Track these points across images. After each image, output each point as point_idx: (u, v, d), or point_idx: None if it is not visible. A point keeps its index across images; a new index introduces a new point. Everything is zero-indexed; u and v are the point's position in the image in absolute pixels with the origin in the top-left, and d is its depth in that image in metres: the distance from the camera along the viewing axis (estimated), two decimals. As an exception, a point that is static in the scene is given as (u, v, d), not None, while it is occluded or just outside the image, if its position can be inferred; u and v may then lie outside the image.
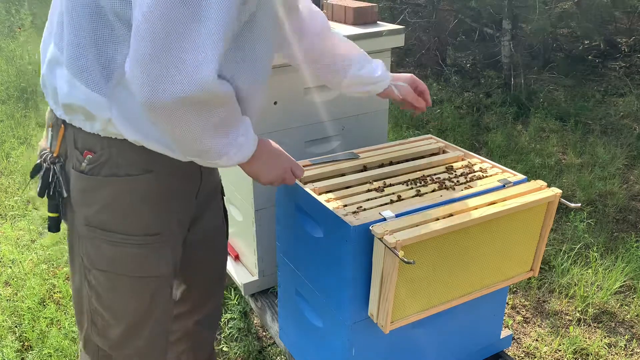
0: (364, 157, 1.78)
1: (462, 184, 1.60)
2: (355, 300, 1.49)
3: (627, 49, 5.88)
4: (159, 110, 1.08)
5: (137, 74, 1.05)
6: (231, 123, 1.20)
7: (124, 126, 1.20)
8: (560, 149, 4.07)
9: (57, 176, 1.30)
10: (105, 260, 1.34)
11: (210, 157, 1.21)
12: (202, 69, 1.04)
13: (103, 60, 1.16)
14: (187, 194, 1.42)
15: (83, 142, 1.25)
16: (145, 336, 1.46)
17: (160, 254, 1.38)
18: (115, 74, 1.16)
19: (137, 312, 1.42)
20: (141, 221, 1.32)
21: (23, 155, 3.94)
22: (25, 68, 5.28)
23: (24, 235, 3.06)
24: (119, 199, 1.28)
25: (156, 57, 1.02)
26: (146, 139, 1.22)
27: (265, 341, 2.32)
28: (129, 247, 1.33)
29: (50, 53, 1.26)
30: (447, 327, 1.74)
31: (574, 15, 5.29)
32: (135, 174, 1.27)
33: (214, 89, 1.08)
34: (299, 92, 1.91)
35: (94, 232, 1.32)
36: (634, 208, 3.33)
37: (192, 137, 1.15)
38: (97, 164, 1.25)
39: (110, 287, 1.37)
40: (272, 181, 1.39)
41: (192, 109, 1.09)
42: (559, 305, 2.54)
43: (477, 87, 5.27)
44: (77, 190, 1.29)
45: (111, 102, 1.18)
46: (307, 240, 1.61)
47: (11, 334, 2.36)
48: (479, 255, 1.53)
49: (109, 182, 1.26)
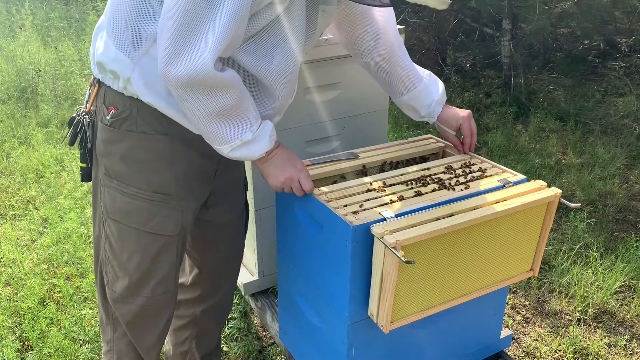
0: (364, 157, 1.78)
1: (462, 184, 1.61)
2: (355, 300, 1.49)
3: (627, 49, 5.88)
4: (172, 84, 1.24)
5: (160, 47, 1.22)
6: (239, 114, 1.33)
7: (140, 87, 1.34)
8: (560, 149, 4.07)
9: (84, 128, 1.47)
10: (119, 210, 1.47)
11: (214, 141, 1.36)
12: (206, 56, 1.19)
13: (135, 30, 1.32)
14: (203, 168, 1.52)
15: (110, 98, 1.41)
16: (146, 294, 1.54)
17: (169, 214, 1.48)
18: (145, 44, 1.32)
19: (140, 268, 1.51)
20: (151, 178, 1.44)
21: (23, 155, 3.94)
22: (25, 68, 5.27)
23: (24, 235, 3.06)
24: (134, 153, 1.41)
25: (174, 37, 1.19)
26: (159, 103, 1.35)
27: (265, 341, 2.32)
28: (140, 200, 1.45)
29: (99, 23, 1.44)
30: (447, 327, 1.74)
31: (574, 15, 5.29)
32: (150, 133, 1.41)
33: (215, 74, 1.23)
34: (299, 92, 1.91)
35: (111, 181, 1.46)
36: (634, 208, 3.33)
37: (198, 116, 1.30)
38: (119, 118, 1.40)
39: (120, 237, 1.49)
40: (278, 186, 1.50)
41: (198, 90, 1.25)
42: (559, 305, 2.55)
43: (477, 87, 5.27)
44: (101, 141, 1.45)
45: (134, 65, 1.33)
46: (307, 240, 1.61)
47: (11, 334, 2.36)
48: (479, 255, 1.53)
49: (127, 136, 1.41)
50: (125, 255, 1.50)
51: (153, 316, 1.59)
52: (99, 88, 1.44)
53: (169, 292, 1.58)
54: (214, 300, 1.82)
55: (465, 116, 1.74)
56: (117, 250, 1.51)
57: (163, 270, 1.53)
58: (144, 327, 1.61)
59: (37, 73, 5.23)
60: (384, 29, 1.65)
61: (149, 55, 1.33)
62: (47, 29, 7.04)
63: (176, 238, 1.52)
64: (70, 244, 2.90)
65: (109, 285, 1.57)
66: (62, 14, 7.76)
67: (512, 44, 5.01)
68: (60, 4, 8.61)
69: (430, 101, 1.74)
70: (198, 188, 1.53)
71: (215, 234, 1.69)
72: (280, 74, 1.40)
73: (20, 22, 6.86)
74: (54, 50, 5.98)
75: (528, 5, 4.82)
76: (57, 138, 4.24)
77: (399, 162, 1.83)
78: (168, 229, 1.49)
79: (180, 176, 1.46)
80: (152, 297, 1.55)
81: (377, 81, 1.78)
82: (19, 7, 7.59)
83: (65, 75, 5.31)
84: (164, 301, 1.58)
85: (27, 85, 5.06)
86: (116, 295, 1.55)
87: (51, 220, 3.13)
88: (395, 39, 1.69)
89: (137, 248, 1.49)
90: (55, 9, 8.15)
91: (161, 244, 1.50)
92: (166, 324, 1.64)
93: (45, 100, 4.88)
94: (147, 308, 1.56)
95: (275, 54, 1.36)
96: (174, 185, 1.46)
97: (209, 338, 1.90)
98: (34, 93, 5.00)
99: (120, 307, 1.57)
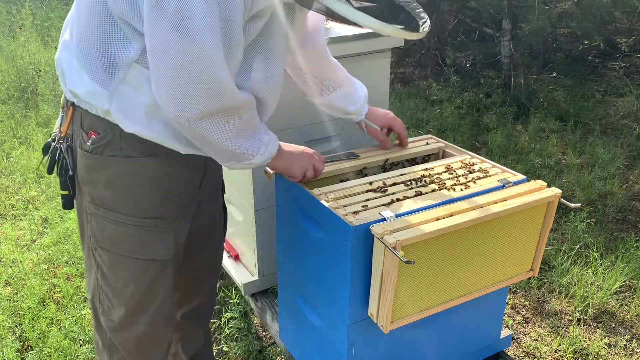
0: (364, 157, 1.78)
1: (462, 184, 1.60)
2: (355, 300, 1.49)
3: (627, 49, 5.88)
4: (190, 124, 1.19)
5: (163, 92, 1.17)
6: (256, 125, 1.33)
7: (120, 119, 1.27)
8: (560, 149, 4.07)
9: (62, 154, 1.37)
10: (109, 239, 1.39)
11: (245, 157, 1.33)
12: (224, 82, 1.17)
13: (108, 56, 1.23)
14: (191, 182, 1.46)
15: (89, 123, 1.31)
16: (145, 321, 1.48)
17: (161, 238, 1.42)
18: (119, 72, 1.23)
19: (136, 296, 1.45)
20: (141, 203, 1.36)
21: (23, 155, 3.94)
22: (26, 68, 5.28)
23: (24, 235, 3.06)
24: (120, 178, 1.33)
25: (177, 76, 1.13)
26: (143, 131, 1.28)
27: (265, 341, 2.32)
28: (130, 228, 1.37)
29: (64, 39, 1.33)
30: (447, 327, 1.74)
31: (574, 15, 5.29)
32: (135, 156, 1.32)
33: (238, 98, 1.22)
34: (299, 92, 1.91)
35: (98, 209, 1.38)
36: (634, 208, 3.33)
37: (225, 142, 1.26)
38: (100, 144, 1.31)
39: (112, 266, 1.42)
40: (296, 176, 1.53)
41: (220, 117, 1.22)
42: (559, 305, 2.55)
43: (477, 87, 5.27)
44: (83, 168, 1.36)
45: (112, 96, 1.25)
46: (307, 240, 1.61)
47: (11, 334, 2.36)
48: (479, 255, 1.53)
49: (111, 161, 1.32)
50: (120, 284, 1.43)
51: (154, 341, 1.55)
52: (74, 111, 1.33)
53: (168, 316, 1.53)
54: (194, 304, 1.78)
55: (391, 113, 1.80)
56: (110, 279, 1.44)
57: (160, 296, 1.48)
58: (147, 354, 1.55)
59: (37, 73, 5.24)
60: (314, 24, 1.62)
61: (126, 83, 1.24)
62: (47, 29, 7.04)
63: (171, 261, 1.46)
64: (70, 244, 2.90)
65: (104, 315, 1.49)
66: (62, 14, 7.75)
67: (512, 44, 5.01)
68: (60, 4, 8.61)
69: (359, 97, 1.75)
70: (187, 204, 1.47)
71: (196, 242, 1.62)
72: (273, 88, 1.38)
73: (20, 22, 6.87)
74: (54, 50, 5.98)
75: (528, 5, 4.82)
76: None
77: (399, 162, 1.83)
78: (162, 254, 1.43)
79: (168, 197, 1.39)
80: (151, 323, 1.49)
81: (304, 78, 1.71)
82: (19, 7, 7.59)
83: (65, 75, 5.30)
84: (163, 325, 1.53)
85: (27, 85, 5.06)
86: (114, 325, 1.49)
87: (51, 220, 3.13)
88: (323, 36, 1.67)
89: (132, 276, 1.42)
90: (55, 9, 8.15)
91: (156, 270, 1.44)
92: (168, 346, 1.60)
93: (45, 100, 4.87)
94: (147, 335, 1.51)
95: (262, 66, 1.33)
96: (164, 208, 1.39)
97: (194, 339, 1.86)
98: (34, 93, 5.00)
99: (118, 335, 1.51)
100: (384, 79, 2.18)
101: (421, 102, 4.94)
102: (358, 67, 2.03)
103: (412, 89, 5.29)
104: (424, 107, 4.83)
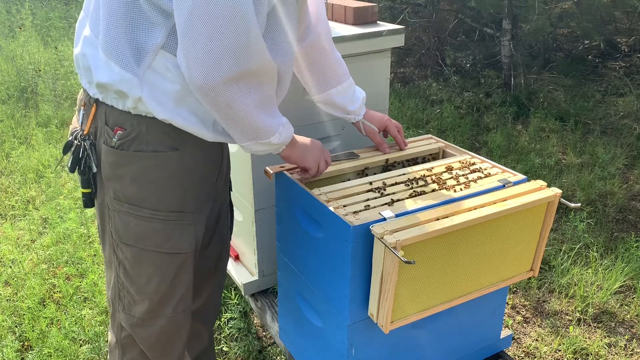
0: (364, 157, 1.78)
1: (462, 184, 1.61)
2: (355, 300, 1.49)
3: (627, 49, 5.88)
4: (217, 91, 1.20)
5: (191, 59, 1.17)
6: (274, 101, 1.35)
7: (153, 105, 1.28)
8: (560, 149, 4.07)
9: (87, 152, 1.38)
10: (133, 234, 1.41)
11: (265, 134, 1.34)
12: (256, 41, 1.18)
13: (135, 44, 1.25)
14: (210, 176, 1.49)
15: (114, 119, 1.33)
16: (168, 314, 1.50)
17: (184, 231, 1.44)
18: (147, 58, 1.26)
19: (160, 289, 1.46)
20: (166, 197, 1.38)
21: (23, 155, 3.94)
22: (25, 68, 5.28)
23: (24, 235, 3.06)
24: (145, 173, 1.35)
25: (209, 35, 1.14)
26: (174, 118, 1.30)
27: (265, 341, 2.32)
28: (155, 222, 1.39)
29: (85, 35, 1.33)
30: (447, 327, 1.74)
31: (574, 15, 5.29)
32: (162, 150, 1.34)
33: (267, 59, 1.24)
34: (299, 92, 1.91)
35: (122, 206, 1.38)
36: (634, 208, 3.33)
37: (248, 112, 1.27)
38: (127, 139, 1.32)
39: (136, 261, 1.44)
40: (310, 167, 1.55)
41: (244, 84, 1.23)
42: (559, 305, 2.54)
43: (477, 87, 5.27)
44: (108, 164, 1.36)
45: (142, 82, 1.27)
46: (307, 240, 1.61)
47: (11, 334, 2.36)
48: (479, 255, 1.53)
49: (137, 156, 1.33)
50: (144, 278, 1.45)
51: (174, 335, 1.55)
52: (97, 108, 1.35)
53: (188, 309, 1.55)
54: (200, 303, 1.79)
55: (387, 116, 1.82)
56: (133, 275, 1.45)
57: (183, 288, 1.50)
58: (167, 348, 1.56)
59: (37, 73, 5.24)
60: (316, 16, 1.62)
61: (152, 70, 1.26)
62: (47, 29, 7.04)
63: (192, 253, 1.48)
64: (70, 244, 2.90)
65: (125, 311, 1.50)
66: (61, 14, 7.76)
67: (512, 44, 5.02)
68: (60, 4, 8.61)
69: (359, 96, 1.75)
70: (206, 196, 1.50)
71: (206, 237, 1.65)
72: (287, 64, 1.40)
73: (20, 22, 6.87)
74: (54, 50, 5.98)
75: (528, 5, 4.82)
76: (57, 138, 4.24)
77: (399, 162, 1.83)
78: (185, 246, 1.45)
79: (190, 191, 1.42)
80: (172, 317, 1.51)
81: (306, 72, 1.71)
82: (19, 7, 7.59)
83: (65, 75, 5.31)
84: (184, 318, 1.54)
85: (27, 85, 5.06)
86: (135, 320, 1.50)
87: (51, 220, 3.13)
88: (327, 29, 1.66)
89: (156, 270, 1.44)
90: (55, 9, 8.15)
91: (179, 263, 1.46)
92: (186, 340, 1.61)
93: (45, 100, 4.88)
94: (169, 328, 1.52)
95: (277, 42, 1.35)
96: (186, 201, 1.42)
97: (199, 339, 1.87)
98: (34, 93, 5.00)
99: (140, 331, 1.51)
100: (384, 79, 2.18)
101: (421, 102, 4.94)
102: (358, 67, 2.03)
103: (412, 88, 5.29)
104: (424, 107, 4.83)
